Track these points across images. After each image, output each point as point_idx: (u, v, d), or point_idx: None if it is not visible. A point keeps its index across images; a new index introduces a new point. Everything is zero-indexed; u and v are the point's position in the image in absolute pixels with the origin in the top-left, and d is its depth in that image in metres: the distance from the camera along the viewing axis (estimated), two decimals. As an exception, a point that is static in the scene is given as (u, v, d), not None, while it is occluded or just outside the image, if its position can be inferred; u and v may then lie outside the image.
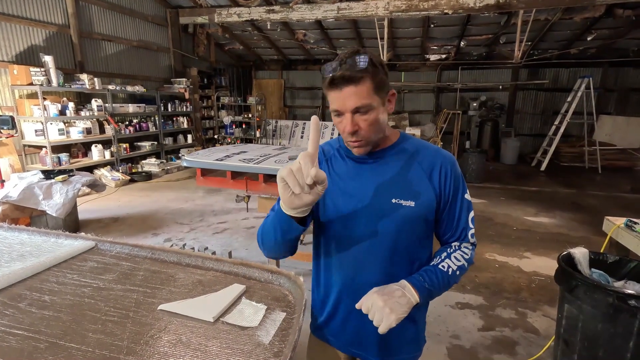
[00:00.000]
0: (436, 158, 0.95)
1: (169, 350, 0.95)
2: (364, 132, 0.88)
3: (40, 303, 1.19)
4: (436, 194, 0.93)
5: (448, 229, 0.98)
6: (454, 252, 0.95)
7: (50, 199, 3.48)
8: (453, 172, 0.94)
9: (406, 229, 0.94)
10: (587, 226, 4.32)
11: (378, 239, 0.95)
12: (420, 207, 0.92)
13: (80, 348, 0.97)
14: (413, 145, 0.97)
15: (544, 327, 2.35)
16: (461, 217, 0.97)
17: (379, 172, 0.95)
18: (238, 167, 2.62)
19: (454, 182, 0.94)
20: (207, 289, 1.27)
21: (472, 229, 0.98)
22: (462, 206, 0.96)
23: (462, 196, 0.96)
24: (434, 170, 0.93)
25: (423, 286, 0.87)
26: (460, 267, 0.93)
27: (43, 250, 1.57)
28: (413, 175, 0.93)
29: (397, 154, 0.96)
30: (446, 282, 0.91)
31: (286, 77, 11.19)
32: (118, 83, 6.67)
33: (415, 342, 1.06)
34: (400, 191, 0.92)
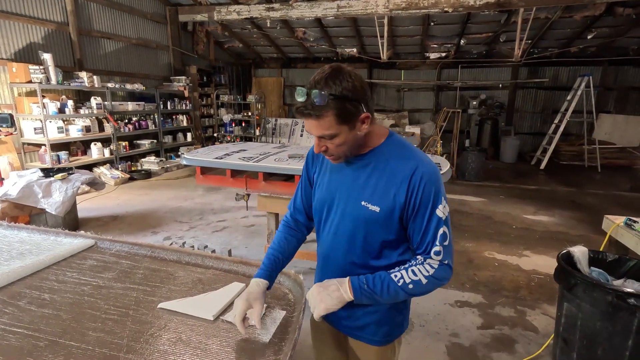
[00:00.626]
0: (410, 168, 0.94)
1: (169, 349, 0.95)
2: (332, 151, 0.96)
3: (40, 301, 1.19)
4: (401, 203, 0.94)
5: (414, 240, 0.99)
6: (415, 265, 0.96)
7: (50, 197, 3.47)
8: (424, 185, 0.93)
9: (370, 231, 1.00)
10: (586, 225, 4.32)
11: (345, 233, 1.03)
12: (384, 213, 0.96)
13: (80, 346, 0.97)
14: (394, 151, 0.99)
15: (543, 325, 2.35)
16: (427, 231, 0.95)
17: (356, 174, 1.01)
18: (238, 166, 2.62)
19: (422, 195, 0.93)
20: (207, 287, 1.27)
21: (438, 247, 0.94)
22: (429, 220, 0.94)
23: (431, 210, 0.94)
24: (405, 181, 0.94)
25: (361, 288, 0.95)
26: (415, 282, 0.93)
27: (42, 249, 1.57)
28: (385, 182, 0.96)
29: (377, 158, 0.99)
30: (393, 292, 0.94)
31: (286, 75, 11.17)
32: (117, 81, 6.65)
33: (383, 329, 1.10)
34: (369, 195, 0.97)
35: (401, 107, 10.32)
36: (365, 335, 1.10)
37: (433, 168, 0.96)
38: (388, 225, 0.98)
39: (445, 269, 0.96)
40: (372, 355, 1.12)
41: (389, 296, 0.95)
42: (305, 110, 0.88)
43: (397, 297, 0.96)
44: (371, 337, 1.10)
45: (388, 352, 1.14)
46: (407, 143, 1.02)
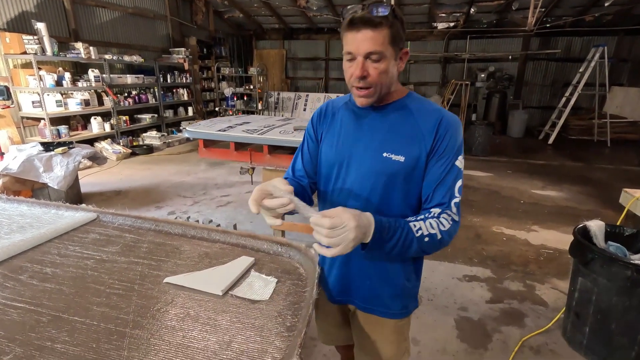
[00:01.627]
0: (436, 117, 0.91)
1: (177, 324, 0.91)
2: (372, 79, 0.87)
3: (42, 275, 1.14)
4: (427, 150, 0.91)
5: (428, 189, 0.92)
6: (431, 217, 0.88)
7: (51, 172, 3.42)
8: (450, 133, 0.90)
9: (392, 184, 0.94)
10: (596, 199, 4.25)
11: (363, 190, 0.97)
12: (409, 162, 0.91)
13: (84, 322, 0.93)
14: (417, 103, 0.95)
15: (552, 299, 2.33)
16: (446, 180, 0.90)
17: (376, 126, 0.96)
18: (242, 138, 2.53)
19: (448, 143, 0.90)
20: (214, 261, 1.23)
21: (458, 198, 0.90)
22: (450, 169, 0.90)
23: (452, 159, 0.90)
24: (431, 128, 0.90)
25: (382, 228, 0.81)
26: (431, 236, 0.86)
27: (43, 222, 1.52)
28: (409, 131, 0.92)
29: (399, 110, 0.95)
30: (408, 243, 0.85)
31: (288, 47, 10.82)
32: (114, 52, 6.44)
33: (399, 300, 1.06)
34: (392, 146, 0.92)
35: (407, 80, 10.04)
36: (380, 308, 1.05)
37: (456, 119, 0.94)
38: (411, 177, 0.93)
39: (456, 226, 0.90)
40: (389, 330, 1.07)
41: (402, 247, 0.85)
42: (366, 16, 0.82)
43: (408, 251, 0.86)
44: (387, 310, 1.05)
45: (405, 327, 1.09)
46: (426, 99, 0.99)
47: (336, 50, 10.39)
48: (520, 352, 1.88)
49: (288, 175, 1.14)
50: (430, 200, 0.92)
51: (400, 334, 1.08)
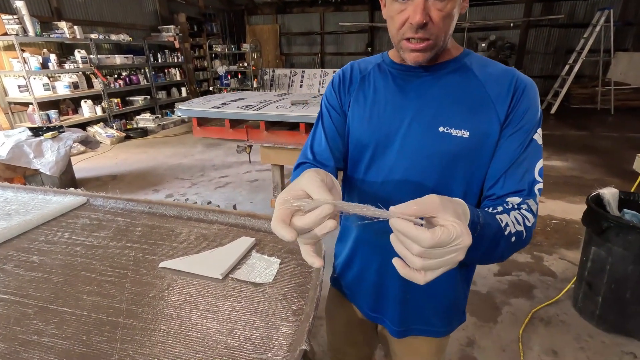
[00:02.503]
0: (509, 78, 0.69)
1: (174, 312, 0.84)
2: (434, 27, 0.63)
3: (29, 264, 1.07)
4: (501, 120, 0.67)
5: (499, 170, 0.67)
6: (512, 209, 0.63)
7: (42, 157, 3.31)
8: (529, 99, 0.67)
9: (452, 169, 0.70)
10: (602, 168, 4.17)
11: (412, 177, 0.72)
12: (475, 138, 0.67)
13: (74, 312, 0.86)
14: (480, 62, 0.72)
15: (560, 270, 2.29)
16: (524, 159, 0.66)
17: (427, 92, 0.71)
18: (237, 115, 2.42)
19: (527, 111, 0.67)
20: (212, 243, 1.15)
21: (541, 184, 0.67)
22: (528, 145, 0.67)
23: (531, 132, 0.67)
24: (504, 92, 0.68)
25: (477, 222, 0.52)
26: (518, 235, 0.60)
27: (30, 208, 1.43)
28: (474, 97, 0.69)
29: (457, 71, 0.71)
30: (495, 244, 0.56)
31: (281, 22, 10.44)
32: (101, 32, 6.18)
33: (446, 315, 0.85)
34: (451, 117, 0.69)
35: (405, 53, 9.73)
36: (421, 326, 0.85)
37: (532, 81, 0.70)
38: (478, 158, 0.69)
39: (535, 220, 0.65)
40: (429, 350, 0.88)
41: (485, 253, 0.57)
42: None
43: (490, 258, 0.60)
44: (430, 328, 0.85)
45: (446, 343, 0.91)
46: (490, 58, 0.74)
47: (331, 24, 10.03)
48: (531, 324, 1.84)
49: (306, 155, 0.84)
50: (502, 185, 0.67)
51: (441, 352, 0.91)
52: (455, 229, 0.42)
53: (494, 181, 0.69)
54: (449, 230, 0.42)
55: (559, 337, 1.76)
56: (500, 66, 0.72)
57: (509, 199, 0.65)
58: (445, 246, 0.42)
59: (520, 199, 0.65)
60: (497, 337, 1.77)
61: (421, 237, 0.42)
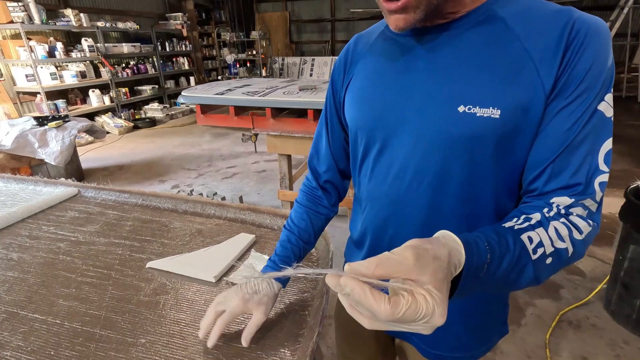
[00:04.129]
0: (560, 22, 0.47)
1: (157, 323, 0.72)
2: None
3: (6, 262, 0.96)
4: (546, 91, 0.47)
5: (543, 158, 0.49)
6: (556, 218, 0.46)
7: (47, 147, 3.25)
8: (593, 47, 0.46)
9: (480, 159, 0.52)
10: (629, 158, 3.92)
11: (428, 173, 0.55)
12: (510, 118, 0.48)
13: (45, 320, 0.75)
14: (515, 7, 0.50)
15: (589, 268, 2.12)
16: (584, 142, 0.47)
17: (441, 60, 0.53)
18: (241, 101, 2.29)
19: (590, 67, 0.46)
20: (207, 240, 1.03)
21: (606, 174, 0.48)
22: (590, 119, 0.47)
23: (597, 100, 0.47)
24: (552, 45, 0.47)
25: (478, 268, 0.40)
26: (558, 254, 0.45)
27: (18, 200, 1.32)
28: (506, 61, 0.49)
29: (480, 26, 0.51)
30: (518, 271, 0.43)
31: (291, 9, 10.19)
32: (108, 20, 6.09)
33: (481, 336, 0.68)
34: (476, 91, 0.49)
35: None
36: (458, 354, 0.67)
37: (601, 23, 0.48)
38: (514, 144, 0.50)
39: (597, 228, 0.48)
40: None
41: (506, 283, 0.44)
42: None
43: (516, 283, 0.45)
44: (463, 353, 0.67)
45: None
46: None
47: (342, 10, 9.75)
48: (558, 328, 1.69)
49: (312, 161, 0.76)
50: (548, 179, 0.49)
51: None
52: (426, 304, 0.32)
53: (537, 172, 0.50)
54: (417, 305, 0.32)
55: (591, 343, 1.61)
56: (551, 6, 0.49)
57: (555, 199, 0.48)
58: (407, 323, 0.33)
59: (572, 200, 0.47)
60: (521, 341, 1.63)
61: (376, 310, 0.32)
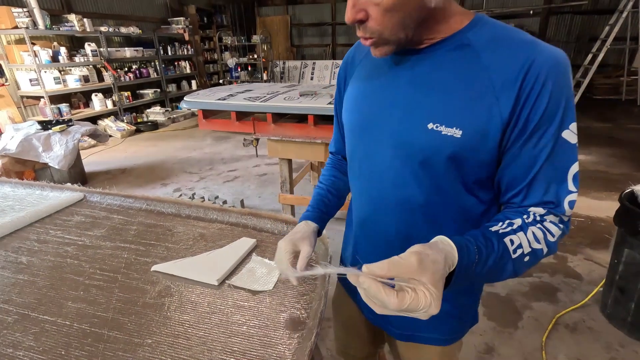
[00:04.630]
0: (521, 57, 0.52)
1: (162, 324, 0.75)
2: (374, 24, 0.53)
3: (16, 265, 0.99)
4: (504, 119, 0.54)
5: (516, 183, 0.58)
6: (534, 224, 0.56)
7: (51, 151, 3.29)
8: (550, 85, 0.51)
9: (445, 172, 0.60)
10: (629, 162, 3.95)
11: (401, 177, 0.64)
12: (469, 139, 0.55)
13: (55, 321, 0.79)
14: (487, 35, 0.56)
15: (586, 271, 2.14)
16: (550, 165, 0.55)
17: (420, 79, 0.60)
18: (243, 107, 2.32)
19: (548, 102, 0.52)
20: (210, 244, 1.06)
21: (574, 194, 0.56)
22: (553, 147, 0.54)
23: (557, 129, 0.54)
24: (511, 77, 0.53)
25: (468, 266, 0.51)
26: (535, 254, 0.55)
27: (26, 204, 1.36)
28: (471, 86, 0.55)
29: (454, 52, 0.57)
30: (501, 267, 0.54)
31: (292, 13, 10.26)
32: (111, 25, 6.15)
33: (455, 321, 0.76)
34: (443, 112, 0.57)
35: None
36: (425, 333, 0.77)
37: (560, 56, 0.53)
38: (474, 160, 0.58)
39: (566, 230, 0.59)
40: (439, 356, 0.80)
41: (489, 276, 0.55)
42: None
43: (496, 278, 0.56)
44: (435, 336, 0.77)
45: (456, 349, 0.82)
46: (508, 26, 0.58)
47: (342, 14, 9.79)
48: (555, 330, 1.72)
49: (331, 147, 0.92)
50: (524, 197, 0.58)
51: (454, 356, 0.83)
52: (425, 299, 0.43)
53: (514, 192, 0.59)
54: (419, 299, 0.43)
55: (587, 346, 1.63)
56: (517, 39, 0.55)
57: (532, 209, 0.58)
58: (410, 312, 0.44)
59: (545, 210, 0.57)
60: (518, 343, 1.66)
61: (387, 302, 0.43)
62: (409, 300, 0.43)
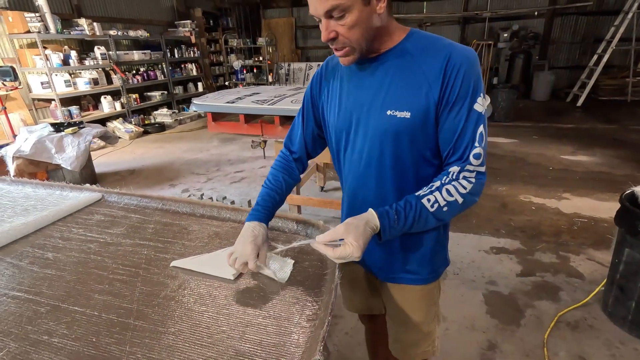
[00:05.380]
0: (443, 58, 0.75)
1: (184, 314, 0.81)
2: (343, 38, 0.75)
3: (43, 261, 1.06)
4: (435, 100, 0.76)
5: (446, 144, 0.80)
6: (449, 182, 0.78)
7: (63, 153, 3.38)
8: (462, 72, 0.75)
9: (403, 144, 0.82)
10: (632, 163, 3.96)
11: (374, 154, 0.86)
12: (415, 118, 0.78)
13: (84, 312, 0.85)
14: (419, 44, 0.80)
15: (588, 271, 2.18)
16: (465, 131, 0.77)
17: (377, 81, 0.83)
18: (251, 110, 2.39)
19: (461, 84, 0.75)
20: (224, 242, 1.12)
21: (478, 148, 0.77)
22: (467, 116, 0.76)
23: (469, 103, 0.76)
24: (437, 70, 0.76)
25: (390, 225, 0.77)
26: (451, 204, 0.78)
27: (47, 204, 1.44)
28: (412, 80, 0.78)
29: (398, 57, 0.80)
30: (423, 221, 0.79)
31: (297, 15, 10.34)
32: (119, 28, 6.26)
33: (429, 262, 0.96)
34: (395, 101, 0.79)
35: (423, 45, 9.49)
36: (407, 275, 0.97)
37: (470, 53, 0.77)
38: (422, 134, 0.80)
39: (481, 180, 0.79)
40: (417, 296, 0.99)
41: (418, 226, 0.80)
42: None
43: (426, 226, 0.81)
44: (414, 276, 0.96)
45: (434, 291, 1.00)
46: (433, 35, 0.81)
47: (347, 16, 9.87)
48: (557, 328, 1.75)
49: (286, 142, 1.09)
50: (449, 154, 0.80)
51: (429, 298, 1.00)
52: (350, 248, 0.72)
53: (445, 153, 0.81)
54: (345, 250, 0.72)
55: (588, 343, 1.67)
56: (439, 44, 0.78)
57: (451, 169, 0.79)
58: (344, 259, 0.73)
59: (459, 168, 0.78)
60: (520, 341, 1.70)
61: (328, 254, 0.75)
62: (340, 251, 0.72)
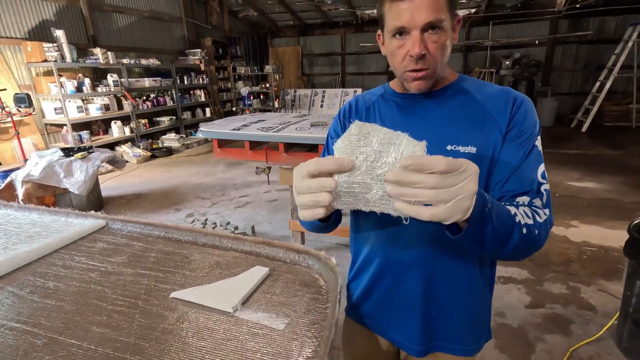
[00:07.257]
0: (506, 95, 0.75)
1: (181, 349, 0.80)
2: (431, 58, 0.69)
3: (44, 290, 1.06)
4: (502, 132, 0.72)
5: (504, 173, 0.71)
6: (523, 205, 0.67)
7: (72, 177, 3.44)
8: (525, 108, 0.73)
9: None
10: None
11: None
12: (483, 152, 0.72)
13: (81, 345, 0.84)
14: (476, 85, 0.78)
15: (600, 303, 2.11)
16: (527, 163, 0.70)
17: (431, 116, 0.77)
18: (256, 137, 2.43)
19: (524, 119, 0.72)
20: (225, 272, 1.11)
21: (546, 184, 0.71)
22: (530, 150, 0.71)
23: (533, 139, 0.72)
24: (502, 108, 0.73)
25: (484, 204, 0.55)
26: (529, 228, 0.62)
27: (52, 231, 1.44)
28: (474, 115, 0.74)
29: (455, 95, 0.77)
30: (510, 228, 0.60)
31: (303, 44, 10.69)
32: (132, 57, 6.51)
33: (472, 330, 0.84)
34: (457, 135, 0.73)
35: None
36: (445, 343, 0.83)
37: (529, 98, 0.76)
38: (488, 169, 0.73)
39: (549, 222, 0.68)
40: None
41: (503, 236, 0.60)
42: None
43: (507, 244, 0.61)
44: (452, 345, 0.83)
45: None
46: (484, 81, 0.81)
47: (352, 44, 10.19)
48: (569, 364, 1.68)
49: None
50: (510, 187, 0.71)
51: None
52: (464, 160, 0.48)
53: (501, 184, 0.72)
54: (460, 160, 0.48)
55: (603, 381, 1.59)
56: (496, 86, 0.78)
57: (518, 199, 0.70)
58: (456, 172, 0.48)
59: (529, 198, 0.69)
60: (531, 377, 1.63)
61: (437, 161, 0.47)
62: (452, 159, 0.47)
